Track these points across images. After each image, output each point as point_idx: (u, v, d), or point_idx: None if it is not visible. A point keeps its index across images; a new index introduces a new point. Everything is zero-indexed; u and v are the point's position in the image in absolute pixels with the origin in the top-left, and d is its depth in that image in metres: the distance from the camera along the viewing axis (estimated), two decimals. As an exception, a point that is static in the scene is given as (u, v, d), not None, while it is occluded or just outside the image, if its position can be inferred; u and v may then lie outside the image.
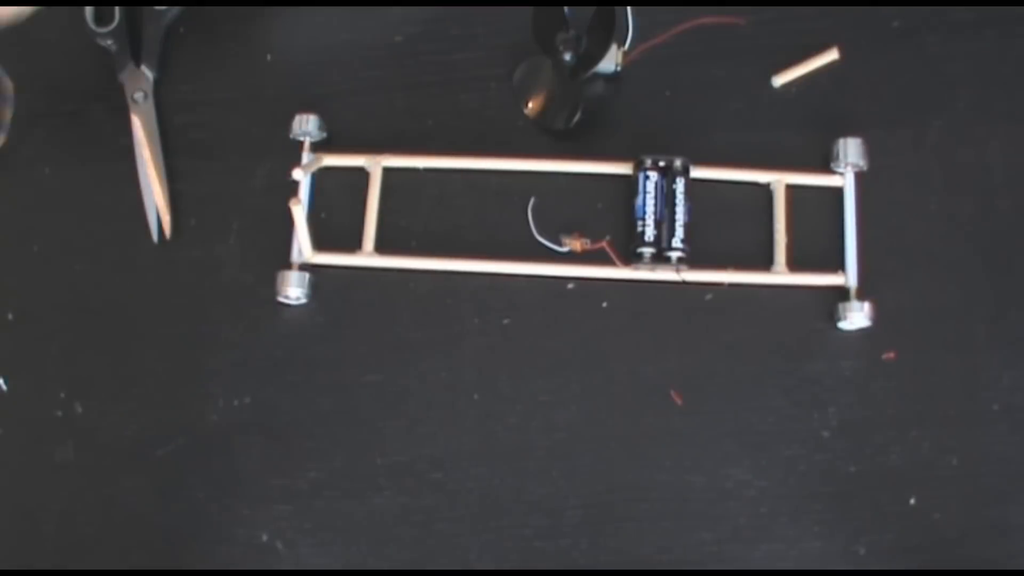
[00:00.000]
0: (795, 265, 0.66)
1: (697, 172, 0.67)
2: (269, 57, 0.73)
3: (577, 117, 0.67)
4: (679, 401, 0.65)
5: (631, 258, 0.66)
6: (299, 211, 0.64)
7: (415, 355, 0.66)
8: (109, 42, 0.72)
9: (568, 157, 0.68)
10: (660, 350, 0.66)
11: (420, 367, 0.66)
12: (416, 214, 0.69)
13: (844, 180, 0.67)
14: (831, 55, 0.69)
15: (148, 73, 0.72)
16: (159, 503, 0.65)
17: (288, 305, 0.67)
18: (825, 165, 0.68)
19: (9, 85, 0.71)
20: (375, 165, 0.69)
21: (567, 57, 0.67)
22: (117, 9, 0.72)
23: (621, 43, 0.69)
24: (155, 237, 0.69)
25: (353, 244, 0.67)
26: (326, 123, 0.70)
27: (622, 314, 0.66)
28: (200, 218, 0.70)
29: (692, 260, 0.66)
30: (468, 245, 0.67)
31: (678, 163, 0.67)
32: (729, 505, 0.63)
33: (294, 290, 0.66)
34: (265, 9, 0.74)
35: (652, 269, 0.66)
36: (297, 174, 0.65)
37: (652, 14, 0.70)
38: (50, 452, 0.66)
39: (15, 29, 0.73)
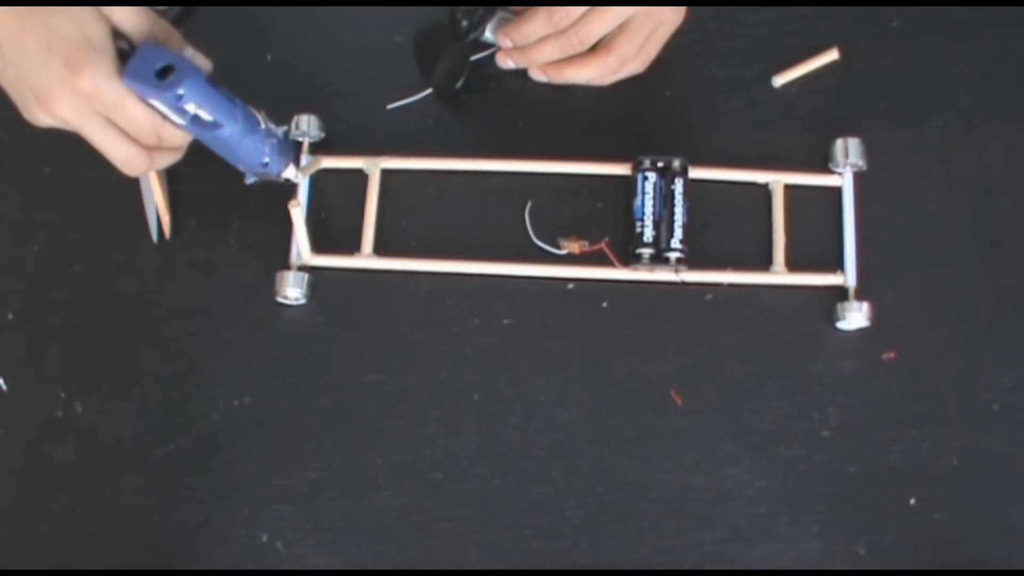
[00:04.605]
0: (794, 265, 0.66)
1: (696, 172, 0.67)
2: (269, 57, 0.73)
3: (462, 82, 0.69)
4: (679, 401, 0.65)
5: (630, 259, 0.66)
6: (298, 213, 0.64)
7: (415, 355, 0.66)
8: (109, 42, 0.72)
9: (567, 158, 0.68)
10: (660, 350, 0.66)
11: (420, 367, 0.66)
12: (415, 215, 0.69)
13: (843, 180, 0.67)
14: (831, 55, 0.69)
15: (148, 73, 0.72)
16: (159, 503, 0.65)
17: (288, 305, 0.67)
18: (824, 165, 0.68)
19: None
20: (374, 167, 0.69)
21: (464, 24, 0.69)
22: (117, 9, 0.72)
23: None
24: (155, 237, 0.69)
25: (352, 245, 0.67)
26: (325, 123, 0.70)
27: (622, 314, 0.66)
28: (200, 218, 0.70)
29: (691, 261, 0.66)
30: (468, 246, 0.67)
31: (677, 163, 0.66)
32: (729, 505, 0.63)
33: (293, 291, 0.66)
34: (265, 9, 0.74)
35: (651, 270, 0.66)
36: (295, 175, 0.65)
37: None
38: (50, 452, 0.66)
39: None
